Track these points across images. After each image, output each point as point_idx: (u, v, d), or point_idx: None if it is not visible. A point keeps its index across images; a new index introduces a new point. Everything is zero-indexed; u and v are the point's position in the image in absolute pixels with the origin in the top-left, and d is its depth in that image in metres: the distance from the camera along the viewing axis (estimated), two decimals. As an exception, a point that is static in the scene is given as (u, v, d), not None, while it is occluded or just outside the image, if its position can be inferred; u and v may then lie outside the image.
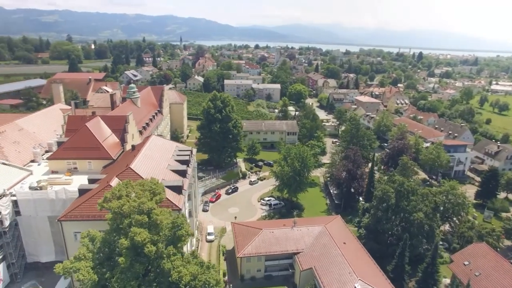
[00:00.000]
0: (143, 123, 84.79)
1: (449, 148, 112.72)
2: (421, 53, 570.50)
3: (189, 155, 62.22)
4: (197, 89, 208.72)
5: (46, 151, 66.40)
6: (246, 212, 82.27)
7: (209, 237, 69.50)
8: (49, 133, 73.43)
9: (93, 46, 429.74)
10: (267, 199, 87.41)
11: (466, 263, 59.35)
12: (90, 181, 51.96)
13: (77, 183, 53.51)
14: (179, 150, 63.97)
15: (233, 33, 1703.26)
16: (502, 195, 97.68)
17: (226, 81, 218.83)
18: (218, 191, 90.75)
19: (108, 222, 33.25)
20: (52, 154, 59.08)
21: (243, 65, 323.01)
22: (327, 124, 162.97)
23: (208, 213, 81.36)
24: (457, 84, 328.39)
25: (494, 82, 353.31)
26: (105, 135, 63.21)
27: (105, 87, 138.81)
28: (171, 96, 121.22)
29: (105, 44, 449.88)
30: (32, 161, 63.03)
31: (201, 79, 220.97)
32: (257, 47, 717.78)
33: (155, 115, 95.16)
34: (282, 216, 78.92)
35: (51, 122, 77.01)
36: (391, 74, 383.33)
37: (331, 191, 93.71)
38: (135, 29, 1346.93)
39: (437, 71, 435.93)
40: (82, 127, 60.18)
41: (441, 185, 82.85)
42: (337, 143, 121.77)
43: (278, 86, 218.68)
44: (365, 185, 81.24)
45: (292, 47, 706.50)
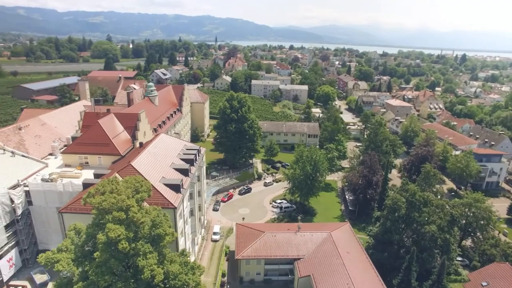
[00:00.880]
0: (160, 121, 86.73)
1: (480, 157, 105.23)
2: (464, 55, 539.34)
3: (195, 154, 62.60)
4: (224, 89, 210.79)
5: (65, 145, 69.65)
6: (256, 214, 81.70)
7: (214, 237, 69.62)
8: (70, 128, 77.01)
9: (131, 46, 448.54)
10: (278, 201, 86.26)
11: (484, 283, 54.61)
12: (95, 175, 53.71)
13: (86, 177, 55.68)
14: (186, 149, 64.59)
15: (269, 33, 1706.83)
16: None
17: (253, 81, 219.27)
18: (231, 191, 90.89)
19: (93, 216, 34.14)
20: (66, 148, 61.96)
21: (274, 65, 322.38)
22: (352, 127, 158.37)
23: (218, 212, 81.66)
24: (503, 88, 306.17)
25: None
26: (117, 131, 65.25)
27: (133, 85, 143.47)
28: (193, 95, 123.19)
29: (142, 43, 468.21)
30: (50, 154, 66.45)
31: (229, 79, 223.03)
32: (291, 47, 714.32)
33: (173, 114, 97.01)
34: (292, 220, 77.48)
35: (73, 118, 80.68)
36: (430, 77, 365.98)
37: (347, 197, 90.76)
38: (173, 29, 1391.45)
39: (482, 74, 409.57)
40: (95, 123, 62.52)
41: (463, 197, 77.38)
42: (355, 147, 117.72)
43: (305, 87, 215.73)
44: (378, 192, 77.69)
45: (328, 48, 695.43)
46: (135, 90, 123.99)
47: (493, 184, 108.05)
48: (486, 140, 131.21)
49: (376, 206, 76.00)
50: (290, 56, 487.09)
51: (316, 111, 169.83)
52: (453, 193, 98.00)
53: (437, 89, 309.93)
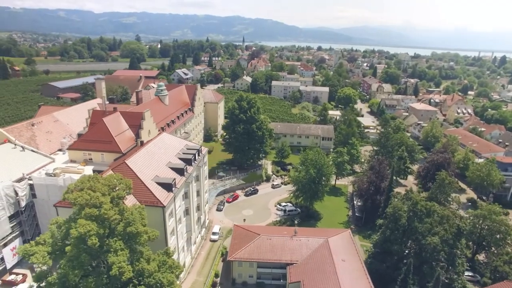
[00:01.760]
0: (168, 120, 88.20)
1: (505, 166, 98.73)
2: (504, 57, 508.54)
3: (194, 154, 63.02)
4: (244, 89, 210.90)
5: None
6: (259, 216, 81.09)
7: (212, 237, 69.82)
8: (82, 125, 79.85)
9: (158, 46, 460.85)
10: (283, 204, 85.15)
11: (490, 301, 51.35)
12: (94, 172, 55.35)
13: (87, 173, 57.47)
14: (186, 149, 65.21)
15: (299, 34, 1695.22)
16: None
17: (273, 82, 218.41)
18: (237, 192, 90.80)
19: (73, 211, 35.10)
20: (71, 144, 64.30)
21: (298, 66, 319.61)
22: (372, 131, 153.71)
23: (222, 213, 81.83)
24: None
25: None
26: (121, 129, 66.94)
27: (152, 84, 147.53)
28: (207, 95, 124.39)
29: (169, 43, 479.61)
30: (59, 150, 69.30)
31: (249, 79, 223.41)
32: (319, 49, 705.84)
33: (184, 113, 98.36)
34: (295, 224, 76.12)
35: (86, 115, 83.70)
36: (462, 80, 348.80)
37: (355, 202, 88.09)
38: (203, 29, 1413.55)
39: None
40: (99, 121, 64.51)
41: (477, 208, 72.91)
42: (365, 151, 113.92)
43: (326, 89, 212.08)
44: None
45: (357, 50, 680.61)
46: (152, 89, 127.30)
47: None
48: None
49: (379, 214, 73.16)
50: (317, 57, 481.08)
51: (335, 113, 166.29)
52: (470, 203, 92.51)
53: (469, 92, 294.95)
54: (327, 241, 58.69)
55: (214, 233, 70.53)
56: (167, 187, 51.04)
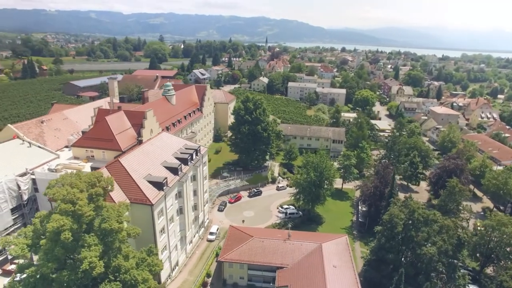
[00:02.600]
0: (174, 119, 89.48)
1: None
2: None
3: (191, 154, 63.55)
4: (260, 90, 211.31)
5: (82, 139, 74.94)
6: (259, 217, 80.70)
7: (209, 237, 70.15)
8: (90, 123, 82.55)
9: (182, 46, 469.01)
10: (285, 207, 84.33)
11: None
12: (92, 169, 57.10)
13: (87, 169, 59.31)
14: (185, 148, 65.88)
15: (324, 35, 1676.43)
16: None
17: (290, 83, 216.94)
18: (240, 193, 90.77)
19: (54, 206, 36.30)
20: (75, 142, 66.47)
21: (319, 68, 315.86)
22: (387, 134, 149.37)
23: (222, 213, 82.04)
24: None
25: None
26: (123, 128, 68.51)
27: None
28: (217, 95, 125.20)
29: (192, 43, 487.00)
30: (66, 147, 71.90)
31: (266, 80, 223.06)
32: (343, 50, 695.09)
33: (191, 113, 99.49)
34: (295, 227, 75.10)
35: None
36: (493, 83, 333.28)
37: (360, 208, 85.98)
38: (229, 29, 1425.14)
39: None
40: (102, 119, 66.35)
41: (485, 219, 69.21)
42: (373, 156, 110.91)
43: (343, 91, 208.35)
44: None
45: (382, 51, 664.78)
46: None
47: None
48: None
49: (379, 220, 70.92)
50: (340, 59, 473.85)
51: (350, 115, 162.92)
52: (483, 213, 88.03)
53: (499, 96, 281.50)
54: (320, 246, 57.51)
55: (211, 233, 70.87)
56: (158, 185, 51.74)
